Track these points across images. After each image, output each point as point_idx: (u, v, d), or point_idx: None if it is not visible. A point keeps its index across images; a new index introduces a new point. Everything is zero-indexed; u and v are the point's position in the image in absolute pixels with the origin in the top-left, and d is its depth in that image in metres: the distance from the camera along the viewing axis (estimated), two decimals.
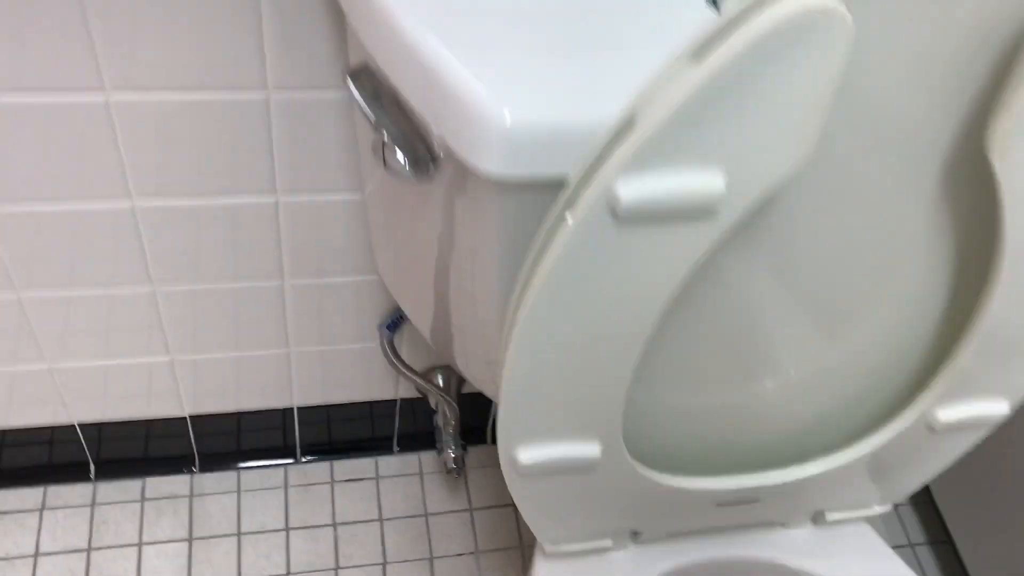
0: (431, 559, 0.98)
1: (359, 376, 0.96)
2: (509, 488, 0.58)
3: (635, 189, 0.39)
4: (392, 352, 0.90)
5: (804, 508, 0.68)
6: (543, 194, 0.43)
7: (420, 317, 0.67)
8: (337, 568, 0.98)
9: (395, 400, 1.00)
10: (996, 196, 0.46)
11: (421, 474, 1.05)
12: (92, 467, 1.00)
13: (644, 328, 0.47)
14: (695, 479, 0.61)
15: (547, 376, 0.49)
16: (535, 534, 0.64)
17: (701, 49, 0.36)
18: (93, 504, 0.99)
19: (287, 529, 1.00)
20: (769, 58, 0.36)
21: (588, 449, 0.56)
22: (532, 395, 0.50)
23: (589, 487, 0.59)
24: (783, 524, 0.70)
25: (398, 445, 1.06)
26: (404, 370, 0.91)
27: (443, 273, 0.58)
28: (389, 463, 1.05)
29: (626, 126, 0.38)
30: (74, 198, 0.73)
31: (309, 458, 1.05)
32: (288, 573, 0.98)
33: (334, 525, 1.01)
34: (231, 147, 0.72)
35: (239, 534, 0.99)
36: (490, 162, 0.41)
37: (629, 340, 0.48)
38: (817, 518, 0.70)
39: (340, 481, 1.04)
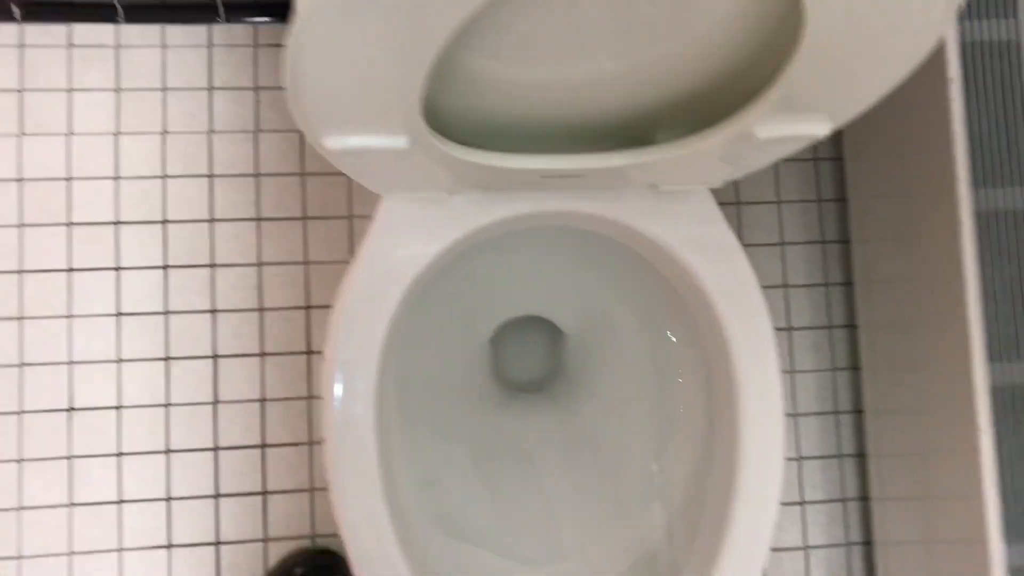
0: None
1: None
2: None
3: None
4: None
5: (634, 181, 0.70)
6: None
7: None
8: (257, 131, 1.04)
9: None
10: None
11: None
12: (17, 10, 1.01)
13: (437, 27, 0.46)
14: (513, 158, 0.63)
15: (338, 68, 0.49)
16: (366, 186, 0.68)
17: None
18: (21, 46, 1.02)
19: (210, 88, 1.04)
20: None
21: (394, 141, 0.57)
22: (323, 87, 0.51)
23: (407, 165, 0.62)
24: (620, 188, 0.73)
25: None
26: None
27: None
28: None
29: None
30: None
31: (234, 19, 1.04)
32: (211, 130, 1.04)
33: (256, 89, 1.05)
34: None
35: (164, 89, 1.04)
36: None
37: (423, 37, 0.47)
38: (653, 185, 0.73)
39: (264, 45, 1.05)
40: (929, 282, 0.88)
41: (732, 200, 1.10)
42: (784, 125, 0.59)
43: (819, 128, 0.60)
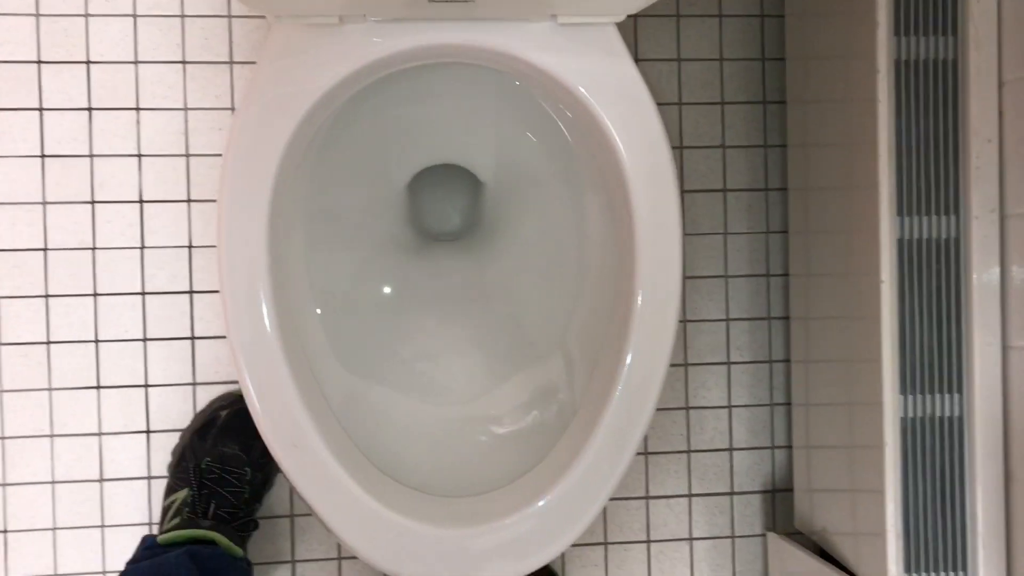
0: None
1: None
2: None
3: None
4: None
5: (528, 8, 0.68)
6: None
7: None
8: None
9: None
10: None
11: None
12: None
13: None
14: None
15: None
16: (249, 6, 0.66)
17: None
18: None
19: None
20: None
21: None
22: None
23: None
24: (517, 19, 0.71)
25: None
26: None
27: None
28: None
29: None
30: None
31: None
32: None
33: None
34: None
35: None
36: None
37: None
38: (552, 17, 0.71)
39: None
40: (850, 145, 0.86)
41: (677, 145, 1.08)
42: None
43: None
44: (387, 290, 0.85)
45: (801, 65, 1.01)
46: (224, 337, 1.02)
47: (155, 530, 1.00)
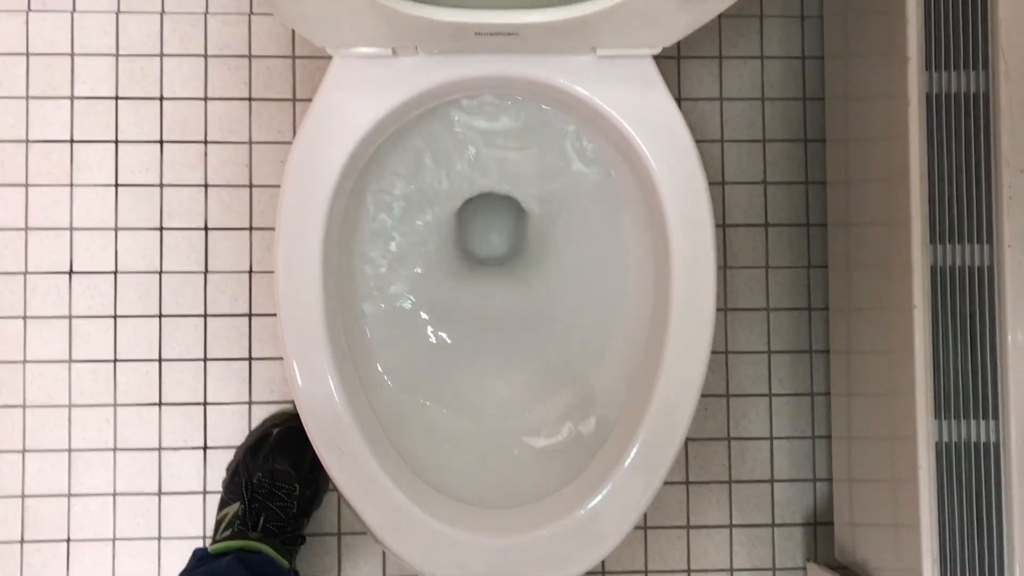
0: None
1: None
2: None
3: None
4: None
5: (571, 43, 0.73)
6: None
7: None
8: (251, 13, 1.08)
9: None
10: None
11: None
12: None
13: None
14: (444, 10, 0.66)
15: None
16: (309, 39, 0.71)
17: None
18: None
19: None
20: None
21: None
22: None
23: (334, 7, 0.65)
24: (560, 52, 0.75)
25: None
26: None
27: None
28: None
29: None
30: None
31: None
32: (206, 12, 1.08)
33: None
34: None
35: None
36: None
37: None
38: (593, 50, 0.75)
39: None
40: (887, 180, 0.88)
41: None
42: None
43: None
44: (435, 311, 0.89)
45: (840, 104, 1.04)
46: (279, 358, 1.07)
47: (209, 543, 1.05)
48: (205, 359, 1.07)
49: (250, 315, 1.07)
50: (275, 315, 1.05)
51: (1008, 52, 0.79)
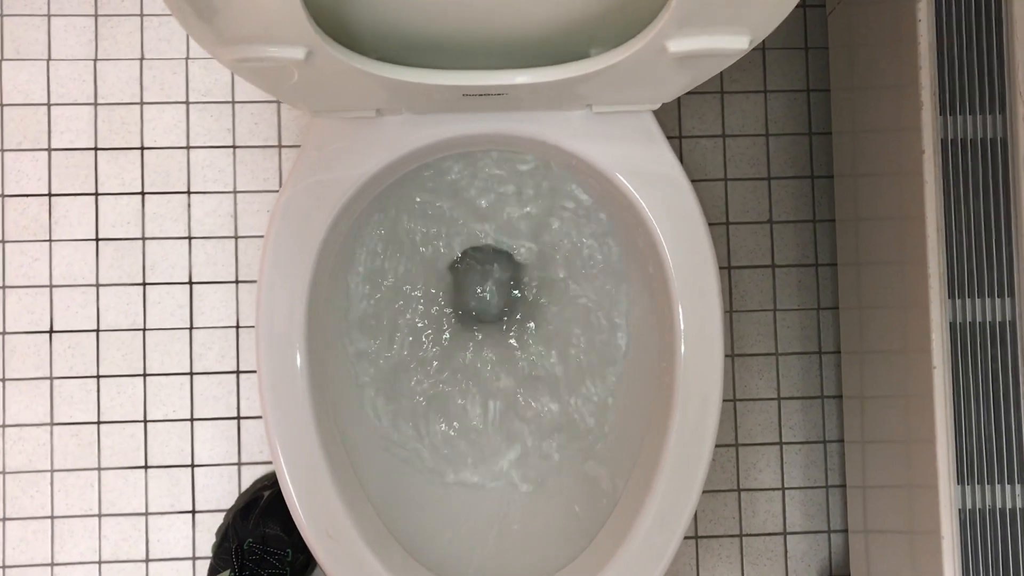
0: None
1: None
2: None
3: None
4: None
5: (562, 102, 0.69)
6: None
7: None
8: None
9: None
10: None
11: None
12: None
13: None
14: (428, 73, 0.62)
15: None
16: (290, 106, 0.67)
17: None
18: None
19: None
20: None
21: (290, 52, 0.56)
22: None
23: (312, 77, 0.61)
24: (553, 108, 0.71)
25: None
26: None
27: None
28: None
29: None
30: None
31: None
32: (187, 57, 1.04)
33: None
34: None
35: (142, 15, 1.04)
36: None
37: None
38: (588, 106, 0.71)
39: None
40: (900, 220, 0.84)
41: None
42: (695, 39, 0.56)
43: (735, 42, 0.57)
44: (427, 371, 0.85)
45: (849, 140, 1.00)
46: None
47: None
48: (192, 419, 1.03)
49: (238, 372, 1.03)
50: None
51: None
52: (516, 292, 0.90)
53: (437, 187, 0.84)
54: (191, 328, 1.03)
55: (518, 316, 0.89)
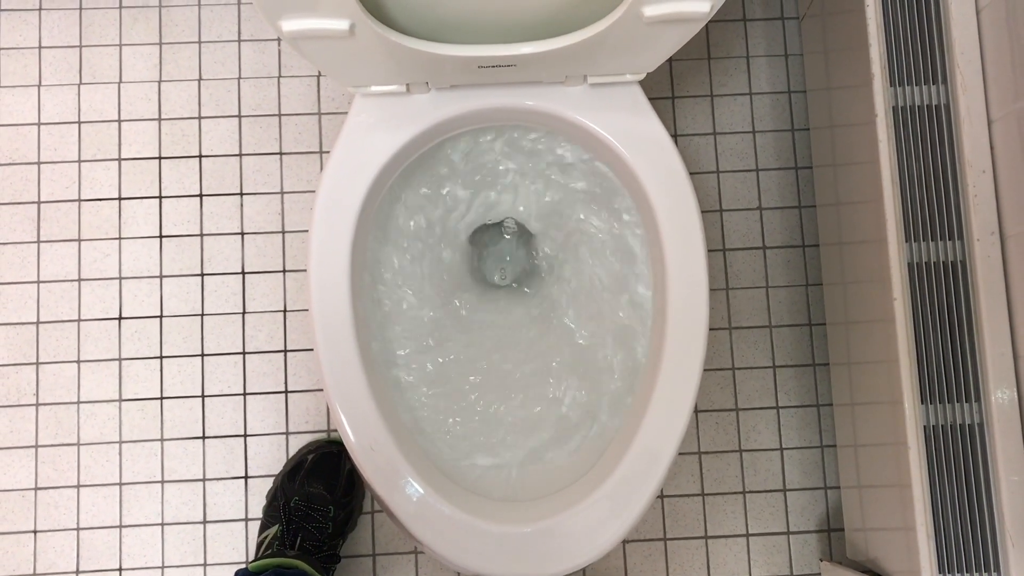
0: None
1: None
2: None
3: None
4: None
5: (563, 71, 0.82)
6: None
7: None
8: (279, 77, 1.19)
9: None
10: None
11: None
12: None
13: None
14: (449, 46, 0.75)
15: None
16: (333, 80, 0.81)
17: None
18: (80, 8, 1.19)
19: (239, 40, 1.19)
20: None
21: (337, 24, 0.70)
22: None
23: (354, 50, 0.74)
24: (555, 82, 0.84)
25: None
26: None
27: None
28: None
29: None
30: None
31: None
32: (239, 77, 1.19)
33: (277, 40, 1.19)
34: None
35: (200, 42, 1.19)
36: None
37: None
38: (585, 79, 0.84)
39: None
40: (869, 201, 0.96)
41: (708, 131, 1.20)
42: (666, 3, 0.70)
43: (698, 5, 0.70)
44: (454, 330, 0.97)
45: (825, 133, 1.12)
46: (313, 391, 1.15)
47: None
48: (245, 394, 1.15)
49: (285, 351, 1.15)
50: (309, 350, 1.13)
51: (964, 67, 0.88)
52: (529, 256, 1.02)
53: (451, 163, 0.96)
54: (244, 313, 1.16)
55: (533, 277, 1.01)
